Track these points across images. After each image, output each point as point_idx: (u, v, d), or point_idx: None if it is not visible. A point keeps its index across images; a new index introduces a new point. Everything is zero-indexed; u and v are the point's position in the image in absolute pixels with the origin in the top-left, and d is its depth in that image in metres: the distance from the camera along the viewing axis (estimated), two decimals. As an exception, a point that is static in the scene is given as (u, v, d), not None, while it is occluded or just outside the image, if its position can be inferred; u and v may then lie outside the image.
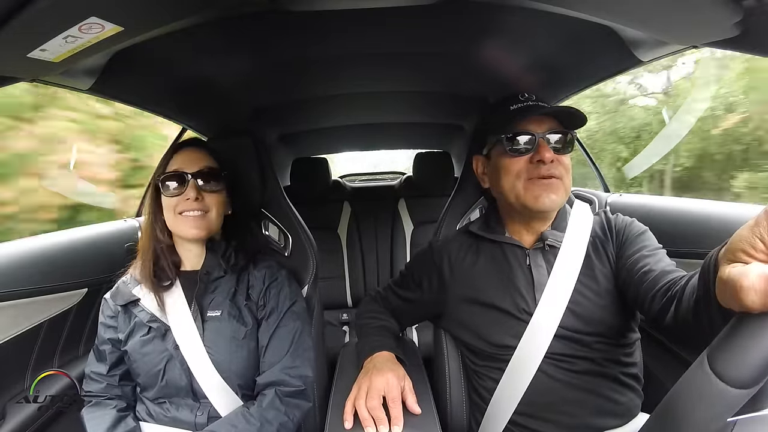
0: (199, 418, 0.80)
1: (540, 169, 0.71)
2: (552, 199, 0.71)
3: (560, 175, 0.71)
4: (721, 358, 0.29)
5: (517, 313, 0.74)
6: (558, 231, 0.76)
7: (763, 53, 0.59)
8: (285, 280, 0.89)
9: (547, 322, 0.71)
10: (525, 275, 0.76)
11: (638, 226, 0.75)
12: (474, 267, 0.81)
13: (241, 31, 0.83)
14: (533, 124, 0.73)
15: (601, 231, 0.77)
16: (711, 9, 0.52)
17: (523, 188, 0.72)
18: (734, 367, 0.29)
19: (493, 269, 0.79)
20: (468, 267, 0.82)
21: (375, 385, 0.68)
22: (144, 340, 0.82)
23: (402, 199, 2.13)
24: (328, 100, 1.42)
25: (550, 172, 0.71)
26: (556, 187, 0.71)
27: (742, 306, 0.32)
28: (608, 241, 0.75)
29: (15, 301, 0.86)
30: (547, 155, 0.70)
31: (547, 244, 0.76)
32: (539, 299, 0.72)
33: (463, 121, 1.77)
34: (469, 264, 0.82)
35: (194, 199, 0.81)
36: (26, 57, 0.53)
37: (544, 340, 0.71)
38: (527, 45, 0.95)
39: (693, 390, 0.30)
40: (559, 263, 0.74)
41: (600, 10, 0.61)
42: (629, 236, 0.73)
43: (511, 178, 0.74)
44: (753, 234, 0.33)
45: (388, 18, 0.81)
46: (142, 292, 0.84)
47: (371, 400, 0.66)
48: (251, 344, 0.83)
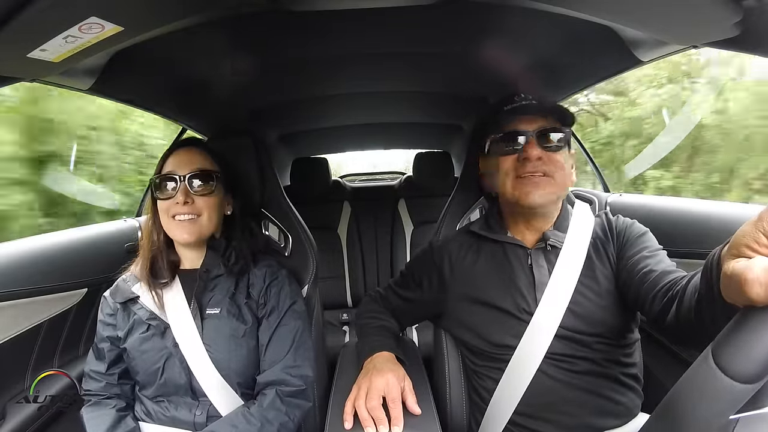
0: (198, 418, 0.80)
1: (526, 166, 0.72)
2: (540, 195, 0.72)
3: (549, 172, 0.72)
4: (726, 353, 0.29)
5: (518, 313, 0.74)
6: (560, 231, 0.77)
7: (763, 53, 0.59)
8: (285, 279, 0.89)
9: (548, 322, 0.71)
10: (526, 275, 0.76)
11: (639, 228, 0.75)
12: (474, 266, 0.82)
13: (240, 31, 0.83)
14: (524, 123, 0.74)
15: (602, 232, 0.77)
16: (711, 9, 0.52)
17: (511, 186, 0.74)
18: (739, 361, 0.28)
19: (494, 269, 0.79)
20: (468, 266, 0.82)
21: (375, 386, 0.68)
22: (143, 337, 0.81)
23: (402, 199, 2.13)
24: (327, 100, 1.42)
25: (535, 168, 0.72)
26: (543, 183, 0.72)
27: (747, 299, 0.32)
28: (609, 242, 0.76)
29: (15, 301, 0.86)
30: (534, 153, 0.72)
31: (549, 244, 0.76)
32: (540, 299, 0.73)
33: (462, 121, 1.77)
34: (470, 263, 0.82)
35: (183, 202, 0.80)
36: (26, 57, 0.53)
37: (545, 340, 0.71)
38: (527, 45, 0.95)
39: (697, 385, 0.30)
40: (560, 263, 0.74)
41: (600, 10, 0.61)
42: (630, 237, 0.74)
43: (503, 176, 0.76)
44: (756, 229, 0.34)
45: (387, 18, 0.81)
46: (141, 290, 0.84)
47: (371, 400, 0.66)
48: (251, 342, 0.83)
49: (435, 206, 1.36)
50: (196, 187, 0.82)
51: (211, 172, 0.84)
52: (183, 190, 0.80)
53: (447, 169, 2.00)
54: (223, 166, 0.88)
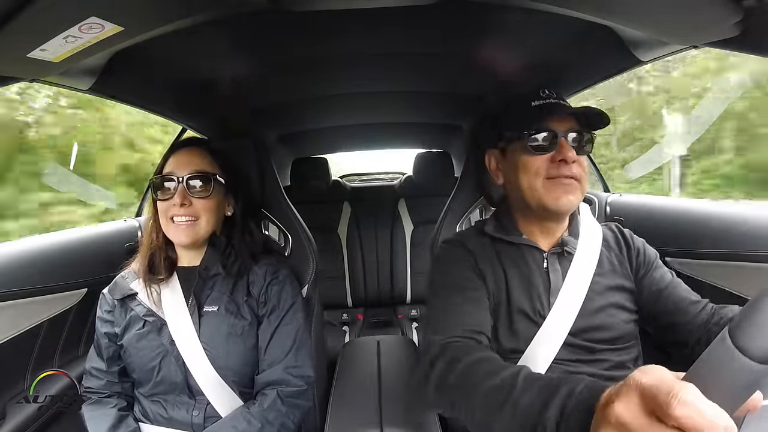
0: (196, 418, 0.80)
1: (561, 168, 0.69)
2: (570, 200, 0.69)
3: (580, 176, 0.70)
4: (745, 333, 0.29)
5: (533, 315, 0.73)
6: (573, 237, 0.76)
7: (763, 53, 0.59)
8: (286, 279, 0.89)
9: (559, 326, 0.70)
10: (542, 278, 0.75)
11: (652, 250, 0.79)
12: (499, 267, 0.77)
13: (240, 31, 0.83)
14: (556, 123, 0.70)
15: (616, 244, 0.79)
16: (711, 9, 0.53)
17: (542, 187, 0.70)
18: (758, 341, 0.28)
19: (515, 271, 0.76)
20: (496, 267, 0.77)
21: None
22: (139, 334, 0.81)
23: (402, 199, 2.14)
24: (327, 100, 1.42)
25: (572, 172, 0.69)
26: (575, 188, 0.70)
27: None
28: (624, 256, 0.77)
29: (15, 301, 0.86)
30: (570, 155, 0.68)
31: (566, 250, 0.75)
32: (553, 303, 0.72)
33: (462, 121, 1.77)
34: (496, 264, 0.78)
35: (180, 204, 0.80)
36: (26, 57, 0.53)
37: (554, 345, 0.70)
38: (527, 45, 0.95)
39: (714, 366, 0.29)
40: (573, 269, 0.73)
41: (600, 10, 0.61)
42: (649, 260, 0.77)
43: (530, 176, 0.71)
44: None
45: (387, 18, 0.81)
46: (139, 287, 0.84)
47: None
48: (249, 341, 0.83)
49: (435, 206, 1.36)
50: (195, 188, 0.81)
51: (210, 174, 0.83)
52: (181, 192, 0.80)
53: (447, 169, 2.00)
54: (224, 167, 0.88)
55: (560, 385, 0.40)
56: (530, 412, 0.41)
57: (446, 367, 0.56)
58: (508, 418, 0.43)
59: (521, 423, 0.41)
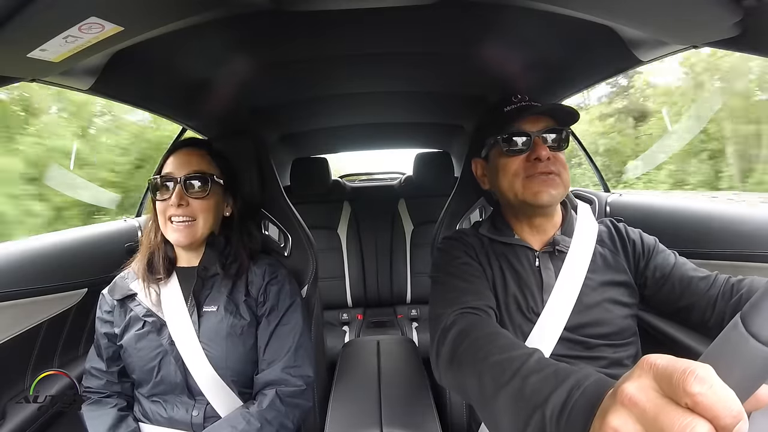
0: (195, 418, 0.80)
1: (537, 166, 0.72)
2: (551, 194, 0.72)
3: (557, 171, 0.73)
4: (759, 319, 0.29)
5: (527, 313, 0.74)
6: (567, 236, 0.77)
7: (763, 53, 0.59)
8: (285, 279, 0.89)
9: (554, 323, 0.71)
10: (535, 276, 0.76)
11: (650, 238, 0.79)
12: (495, 266, 0.79)
13: (241, 31, 0.83)
14: (528, 124, 0.74)
15: (610, 240, 0.79)
16: (711, 9, 0.53)
17: (522, 186, 0.73)
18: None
19: (509, 270, 0.78)
20: (494, 266, 0.79)
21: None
22: (139, 334, 0.81)
23: (402, 199, 2.14)
24: (327, 100, 1.42)
25: (548, 168, 0.72)
26: (554, 182, 0.72)
27: None
28: (619, 251, 0.77)
29: (15, 301, 0.86)
30: (543, 153, 0.71)
31: (557, 249, 0.76)
32: (547, 300, 0.73)
33: (462, 121, 1.77)
34: (493, 263, 0.80)
35: (177, 205, 0.80)
36: (26, 57, 0.53)
37: (550, 341, 0.71)
38: (527, 45, 0.95)
39: (727, 352, 0.29)
40: (566, 267, 0.74)
41: (600, 10, 0.61)
42: (648, 249, 0.77)
43: (509, 177, 0.75)
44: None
45: (387, 18, 0.81)
46: (139, 287, 0.84)
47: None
48: (248, 341, 0.83)
49: (435, 206, 1.36)
50: (192, 189, 0.82)
51: (207, 175, 0.83)
52: (178, 193, 0.80)
53: (447, 169, 2.00)
54: (223, 168, 0.88)
55: (570, 376, 0.40)
56: (536, 392, 0.41)
57: (460, 334, 0.57)
58: (514, 391, 0.43)
59: (526, 400, 0.41)
